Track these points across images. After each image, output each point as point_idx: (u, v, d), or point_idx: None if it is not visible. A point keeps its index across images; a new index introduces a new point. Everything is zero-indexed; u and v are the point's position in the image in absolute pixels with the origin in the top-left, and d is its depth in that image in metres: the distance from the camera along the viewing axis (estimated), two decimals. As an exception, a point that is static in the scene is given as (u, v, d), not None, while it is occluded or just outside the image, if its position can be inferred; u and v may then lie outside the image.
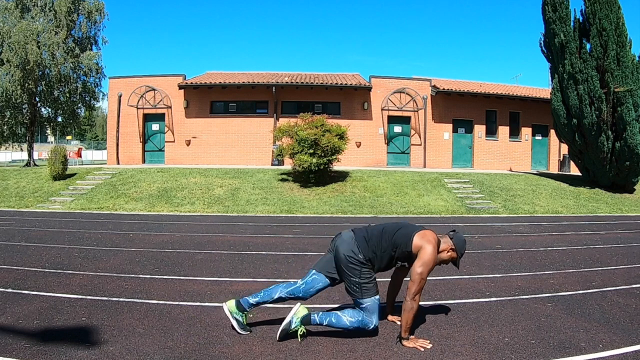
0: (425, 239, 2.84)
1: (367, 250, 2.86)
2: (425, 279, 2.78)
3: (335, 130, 13.22)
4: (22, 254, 5.68)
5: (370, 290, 2.83)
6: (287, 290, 2.99)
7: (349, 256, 2.83)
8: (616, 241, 7.29)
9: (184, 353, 2.68)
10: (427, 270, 2.77)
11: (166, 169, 14.74)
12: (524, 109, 18.56)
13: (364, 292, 2.82)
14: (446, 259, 2.97)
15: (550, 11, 13.95)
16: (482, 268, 5.15)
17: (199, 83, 17.17)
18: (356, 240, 2.89)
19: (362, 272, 2.83)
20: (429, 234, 2.89)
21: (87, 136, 58.27)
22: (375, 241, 2.88)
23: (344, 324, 2.83)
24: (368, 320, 2.83)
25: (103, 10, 20.17)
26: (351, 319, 2.83)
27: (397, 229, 2.94)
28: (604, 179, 13.93)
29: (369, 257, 2.85)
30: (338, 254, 2.88)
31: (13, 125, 19.44)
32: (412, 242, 2.84)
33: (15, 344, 2.76)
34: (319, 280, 2.99)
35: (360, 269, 2.83)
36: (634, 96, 12.93)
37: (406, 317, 2.76)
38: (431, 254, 2.79)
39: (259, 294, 3.03)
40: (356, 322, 2.82)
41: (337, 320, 2.84)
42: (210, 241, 6.94)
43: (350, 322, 2.82)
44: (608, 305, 3.73)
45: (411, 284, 2.75)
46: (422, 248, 2.80)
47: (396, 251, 2.87)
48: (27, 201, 12.31)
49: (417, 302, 2.76)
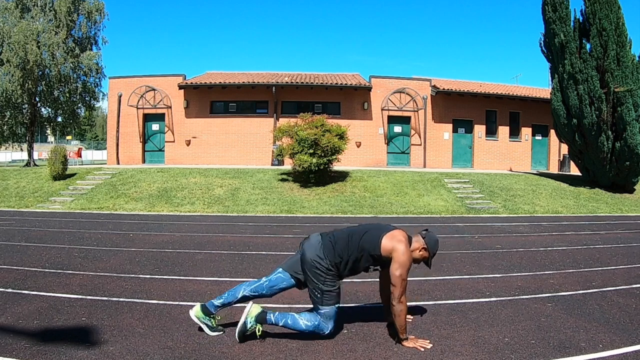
0: (395, 240, 2.79)
1: (332, 254, 2.81)
2: (406, 279, 2.76)
3: (335, 130, 13.22)
4: (22, 254, 5.68)
5: (331, 299, 2.80)
6: (250, 288, 2.97)
7: (315, 261, 2.80)
8: (616, 241, 7.29)
9: (184, 353, 2.68)
10: (406, 270, 2.74)
11: (166, 169, 14.74)
12: (524, 109, 18.56)
13: (325, 300, 2.79)
14: (418, 258, 2.92)
15: (550, 11, 13.95)
16: (482, 268, 5.15)
17: (199, 83, 17.17)
18: (323, 244, 2.85)
19: (326, 279, 2.79)
20: (398, 234, 2.84)
21: (87, 136, 58.26)
22: (341, 245, 2.83)
23: (299, 326, 2.81)
24: (324, 326, 2.81)
25: (103, 10, 20.18)
26: (307, 323, 2.81)
27: (364, 232, 2.89)
28: (604, 179, 13.93)
29: (334, 262, 2.81)
30: (304, 257, 2.85)
31: (13, 125, 19.44)
32: (381, 244, 2.79)
33: (15, 344, 2.76)
34: (283, 279, 2.96)
35: (325, 275, 2.79)
36: (634, 96, 12.93)
37: (398, 320, 2.76)
38: (405, 254, 2.75)
39: (223, 295, 3.02)
40: (312, 327, 2.80)
41: (294, 322, 2.82)
42: (210, 241, 6.94)
43: (307, 325, 2.80)
44: (608, 305, 3.73)
45: (394, 288, 2.72)
46: (395, 249, 2.76)
47: (365, 255, 2.82)
48: (27, 201, 12.31)
49: (404, 303, 2.74)
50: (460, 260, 5.58)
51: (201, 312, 2.95)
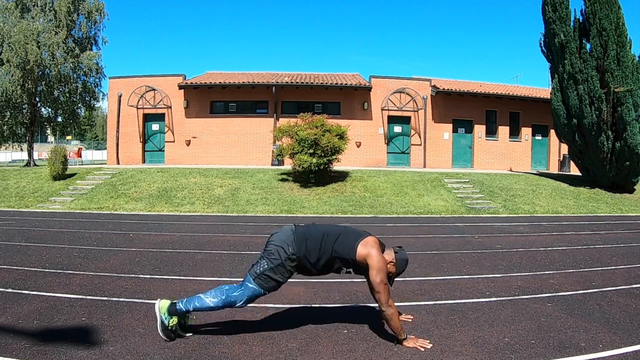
0: (369, 246, 2.77)
1: (302, 247, 2.78)
2: (387, 283, 2.75)
3: (335, 130, 13.22)
4: (22, 254, 5.68)
5: (265, 281, 2.76)
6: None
7: (280, 247, 2.77)
8: (616, 241, 7.29)
9: (184, 353, 2.68)
10: (385, 274, 2.73)
11: (166, 169, 14.74)
12: (524, 109, 18.56)
13: (260, 277, 2.76)
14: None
15: (550, 11, 13.95)
16: (482, 268, 5.15)
17: (199, 83, 17.17)
18: (295, 235, 2.82)
19: (277, 265, 2.75)
20: (371, 240, 2.82)
21: (87, 136, 58.26)
22: (313, 243, 2.80)
23: (208, 305, 2.80)
24: (237, 298, 2.77)
25: (103, 10, 20.18)
26: (214, 299, 2.79)
27: (338, 234, 2.86)
28: (604, 179, 13.93)
29: (299, 255, 2.77)
30: (272, 240, 2.84)
31: (13, 125, 19.43)
32: (356, 250, 2.76)
33: (15, 344, 2.76)
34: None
35: (280, 262, 2.75)
36: (634, 96, 12.93)
37: (391, 324, 2.75)
38: (380, 259, 2.74)
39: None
40: (220, 302, 2.79)
41: (201, 303, 2.81)
42: (210, 241, 6.94)
43: (214, 302, 2.79)
44: (608, 305, 3.73)
45: (378, 295, 2.70)
46: (369, 256, 2.73)
47: (337, 257, 2.80)
48: (27, 201, 12.31)
49: (392, 306, 2.73)
50: (460, 260, 5.58)
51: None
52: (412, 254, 5.89)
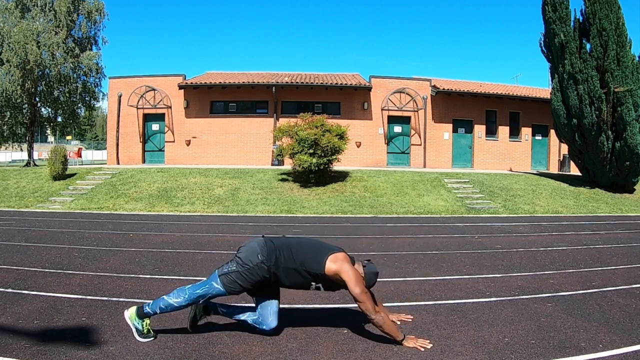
0: (339, 261, 2.77)
1: (271, 256, 2.79)
2: (367, 291, 2.74)
3: (335, 130, 13.22)
4: (22, 254, 5.68)
5: (230, 281, 2.77)
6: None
7: (253, 254, 2.79)
8: (616, 241, 7.29)
9: (184, 353, 2.68)
10: (362, 284, 2.73)
11: (166, 169, 14.74)
12: (524, 109, 18.56)
13: (226, 276, 2.77)
14: None
15: (550, 11, 13.95)
16: (482, 268, 5.15)
17: (199, 83, 17.17)
18: (265, 244, 2.85)
19: (246, 270, 2.76)
20: (341, 255, 2.82)
21: (87, 136, 58.26)
22: (283, 252, 2.82)
23: (172, 305, 2.82)
24: (199, 296, 2.80)
25: (103, 10, 20.17)
26: (177, 299, 2.81)
27: (308, 248, 2.87)
28: (604, 179, 13.93)
29: (268, 264, 2.78)
30: (242, 247, 2.88)
31: (13, 125, 19.44)
32: (325, 265, 2.76)
33: (15, 344, 2.76)
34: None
35: (250, 267, 2.76)
36: (634, 96, 12.93)
37: (385, 329, 2.75)
38: (353, 270, 2.75)
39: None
40: (184, 301, 2.80)
41: (166, 304, 2.83)
42: (210, 241, 6.94)
43: (178, 302, 2.81)
44: (608, 305, 3.73)
45: (363, 305, 2.70)
46: (342, 270, 2.73)
47: (307, 271, 2.79)
48: (27, 201, 12.31)
49: (380, 311, 2.75)
50: (460, 260, 5.58)
51: (202, 310, 2.99)
52: (412, 254, 5.90)
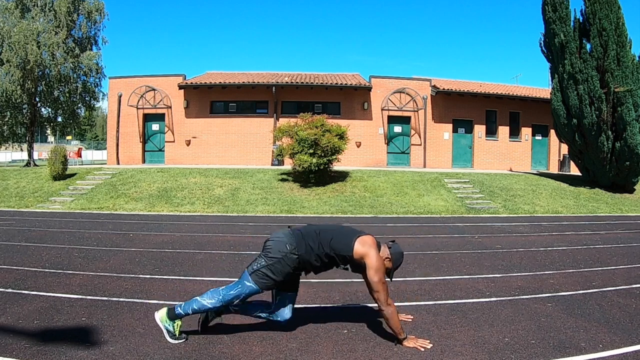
0: (367, 245, 2.78)
1: (301, 245, 2.79)
2: (385, 282, 2.75)
3: (335, 130, 13.21)
4: (22, 254, 5.68)
5: (262, 278, 2.76)
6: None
7: (281, 245, 2.78)
8: (616, 241, 7.29)
9: (184, 353, 2.68)
10: (382, 274, 2.74)
11: (166, 169, 14.74)
12: (524, 109, 18.55)
13: (257, 274, 2.76)
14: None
15: (550, 11, 13.95)
16: (482, 268, 5.15)
17: (199, 83, 17.17)
18: (293, 234, 2.85)
19: (276, 262, 2.76)
20: (369, 239, 2.83)
21: (87, 136, 58.25)
22: (311, 240, 2.82)
23: (206, 307, 2.81)
24: (232, 296, 2.79)
25: (103, 10, 20.18)
26: (211, 301, 2.80)
27: (335, 232, 2.89)
28: (604, 179, 13.93)
29: (299, 252, 2.78)
30: (270, 240, 2.86)
31: (13, 125, 19.43)
32: (353, 248, 2.78)
33: (15, 344, 2.76)
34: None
35: (279, 259, 2.76)
36: (634, 96, 12.93)
37: (391, 322, 2.76)
38: (377, 259, 2.75)
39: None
40: (218, 302, 2.80)
41: (199, 305, 2.82)
42: (210, 241, 6.94)
43: (212, 303, 2.80)
44: (608, 305, 3.73)
45: (377, 294, 2.71)
46: (367, 255, 2.74)
47: (333, 254, 2.81)
48: (27, 201, 12.31)
49: (392, 304, 2.75)
50: (460, 260, 5.58)
51: (214, 313, 2.99)
52: (412, 254, 5.89)
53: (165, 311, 2.85)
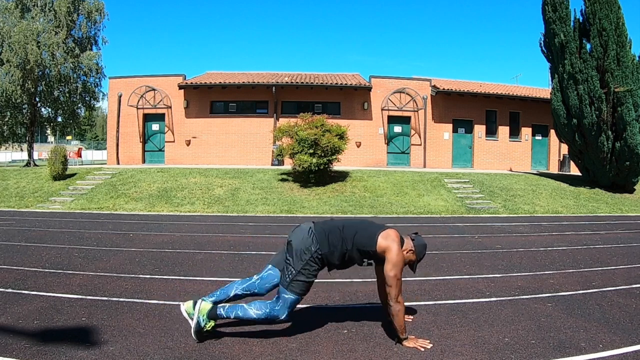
0: (389, 239, 2.79)
1: (324, 243, 2.79)
2: (401, 278, 2.76)
3: (335, 130, 13.22)
4: (22, 254, 5.68)
5: (299, 287, 2.76)
6: (242, 287, 2.95)
7: (304, 247, 2.77)
8: (616, 241, 7.29)
9: (184, 353, 2.68)
10: (400, 270, 2.75)
11: (166, 169, 14.74)
12: (524, 109, 18.55)
13: (293, 285, 2.75)
14: (405, 259, 2.92)
15: (550, 11, 13.95)
16: (482, 268, 5.15)
17: (199, 83, 17.17)
18: (315, 232, 2.83)
19: (305, 265, 2.75)
20: (393, 233, 2.84)
21: (87, 136, 58.24)
22: (334, 236, 2.82)
23: (250, 316, 2.80)
24: (279, 312, 2.76)
25: (103, 10, 20.18)
26: (258, 312, 2.78)
27: (358, 226, 2.89)
28: (604, 179, 13.93)
29: (323, 251, 2.78)
30: (292, 242, 2.82)
31: (13, 125, 19.44)
32: (377, 242, 2.79)
33: (15, 344, 2.76)
34: (274, 276, 2.92)
35: (306, 262, 2.75)
36: (634, 96, 12.93)
37: (396, 320, 2.76)
38: (398, 254, 2.76)
39: (215, 293, 2.99)
40: (263, 315, 2.78)
41: (244, 313, 2.80)
42: (210, 241, 6.94)
43: (257, 314, 2.78)
44: (608, 305, 3.73)
45: (389, 289, 2.72)
46: (389, 249, 2.76)
47: (358, 249, 2.82)
48: (27, 201, 12.31)
49: (402, 302, 2.75)
50: (460, 260, 5.58)
51: (192, 307, 2.91)
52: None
53: (208, 307, 2.81)
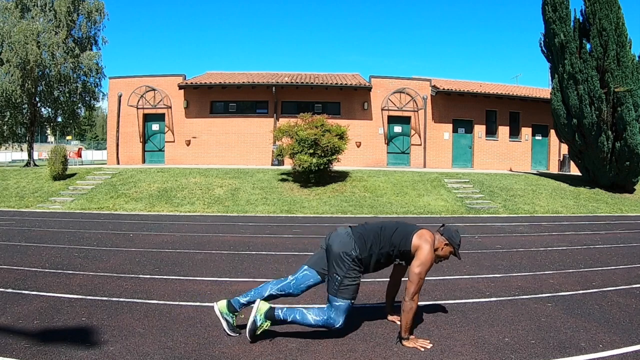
0: (423, 239, 2.84)
1: (364, 248, 2.82)
2: (424, 278, 2.78)
3: (335, 130, 13.21)
4: (22, 254, 5.68)
5: (348, 292, 2.78)
6: (277, 287, 2.95)
7: (344, 252, 2.79)
8: (616, 241, 7.29)
9: (184, 353, 2.68)
10: (425, 270, 2.77)
11: (166, 169, 14.73)
12: (524, 109, 18.55)
13: (341, 291, 2.77)
14: (445, 254, 2.96)
15: (550, 11, 13.95)
16: (482, 268, 5.15)
17: (199, 83, 17.16)
18: (353, 236, 2.86)
19: (348, 270, 2.78)
20: (427, 234, 2.89)
21: (87, 136, 58.23)
22: (372, 240, 2.85)
23: (308, 321, 2.80)
24: (335, 320, 2.78)
25: (103, 10, 20.19)
26: (316, 318, 2.79)
27: (395, 228, 2.92)
28: (604, 179, 13.93)
29: (363, 255, 2.81)
30: (331, 248, 2.84)
31: (13, 125, 19.43)
32: (412, 241, 2.83)
33: (15, 344, 2.76)
34: (310, 277, 2.94)
35: (349, 266, 2.78)
36: (634, 96, 12.92)
37: (406, 317, 2.76)
38: (429, 254, 2.79)
39: (249, 293, 2.99)
40: (321, 321, 2.79)
41: (302, 317, 2.81)
42: (210, 241, 6.94)
43: (315, 320, 2.79)
44: (608, 305, 3.73)
45: (409, 284, 2.75)
46: (420, 248, 2.80)
47: (394, 250, 2.86)
48: (27, 201, 12.31)
49: (416, 302, 2.76)
50: (460, 260, 5.57)
51: (226, 307, 2.93)
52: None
53: (266, 307, 2.81)
